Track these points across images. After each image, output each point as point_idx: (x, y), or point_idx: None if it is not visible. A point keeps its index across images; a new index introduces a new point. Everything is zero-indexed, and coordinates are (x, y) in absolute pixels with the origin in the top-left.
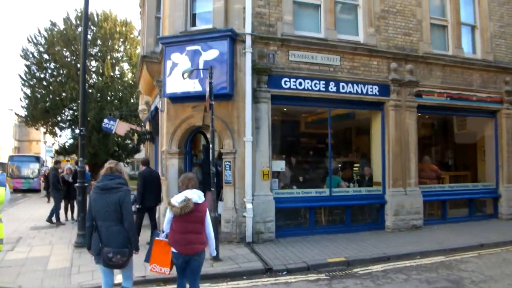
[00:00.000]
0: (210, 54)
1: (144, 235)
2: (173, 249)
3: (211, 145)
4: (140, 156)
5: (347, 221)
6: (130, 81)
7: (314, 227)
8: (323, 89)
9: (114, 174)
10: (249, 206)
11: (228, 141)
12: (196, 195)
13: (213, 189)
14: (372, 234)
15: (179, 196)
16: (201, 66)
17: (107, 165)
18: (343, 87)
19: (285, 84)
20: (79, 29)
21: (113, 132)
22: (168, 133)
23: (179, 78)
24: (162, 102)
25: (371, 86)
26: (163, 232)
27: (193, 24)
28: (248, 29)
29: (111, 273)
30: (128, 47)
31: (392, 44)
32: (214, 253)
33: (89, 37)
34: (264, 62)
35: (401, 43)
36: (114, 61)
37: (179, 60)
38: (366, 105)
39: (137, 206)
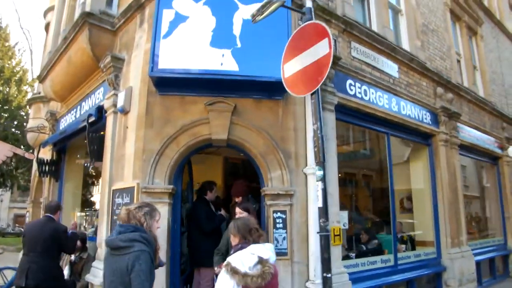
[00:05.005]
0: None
1: None
2: None
3: (322, 160)
4: None
5: None
6: None
7: None
8: (387, 106)
9: (129, 224)
10: None
11: (279, 172)
12: (269, 251)
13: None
14: None
15: (246, 256)
16: (237, 26)
17: (123, 207)
18: (403, 108)
19: (351, 89)
20: None
21: None
22: (149, 151)
23: (187, 42)
24: (127, 95)
25: (425, 112)
26: None
27: None
28: None
29: None
30: None
31: (434, 65)
32: None
33: None
34: None
35: (440, 67)
36: None
37: (190, 11)
38: (418, 136)
39: None
